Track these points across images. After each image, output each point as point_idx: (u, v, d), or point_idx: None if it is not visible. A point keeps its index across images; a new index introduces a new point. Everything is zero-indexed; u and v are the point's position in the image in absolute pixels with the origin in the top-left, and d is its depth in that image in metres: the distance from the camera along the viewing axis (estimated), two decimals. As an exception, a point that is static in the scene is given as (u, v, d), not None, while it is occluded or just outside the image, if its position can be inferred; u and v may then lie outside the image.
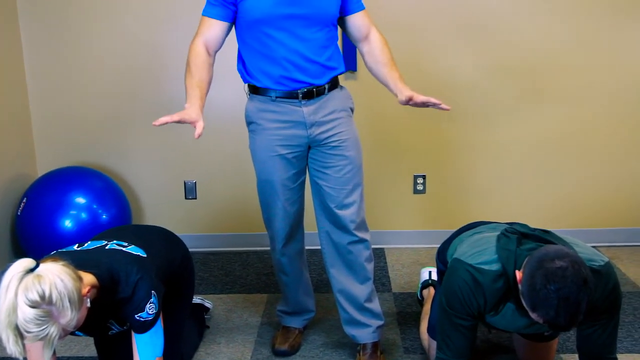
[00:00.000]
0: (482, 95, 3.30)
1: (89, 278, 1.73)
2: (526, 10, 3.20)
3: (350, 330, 2.36)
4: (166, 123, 1.89)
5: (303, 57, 2.13)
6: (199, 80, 2.11)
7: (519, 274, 1.67)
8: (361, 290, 2.31)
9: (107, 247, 1.91)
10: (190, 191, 3.46)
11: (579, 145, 3.37)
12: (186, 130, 3.37)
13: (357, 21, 2.22)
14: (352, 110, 2.31)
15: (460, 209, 3.45)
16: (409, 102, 2.12)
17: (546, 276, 1.57)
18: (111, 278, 1.80)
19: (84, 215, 3.00)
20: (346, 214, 2.24)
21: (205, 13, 2.17)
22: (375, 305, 2.36)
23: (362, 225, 2.29)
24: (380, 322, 2.36)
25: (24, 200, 3.05)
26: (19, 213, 3.04)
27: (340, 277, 2.33)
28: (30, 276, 1.54)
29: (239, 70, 2.25)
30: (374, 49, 2.23)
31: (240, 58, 2.24)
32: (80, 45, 3.29)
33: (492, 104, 3.32)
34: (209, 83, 2.16)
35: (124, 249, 1.91)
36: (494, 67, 3.26)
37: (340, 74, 2.26)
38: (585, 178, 3.41)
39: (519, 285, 1.67)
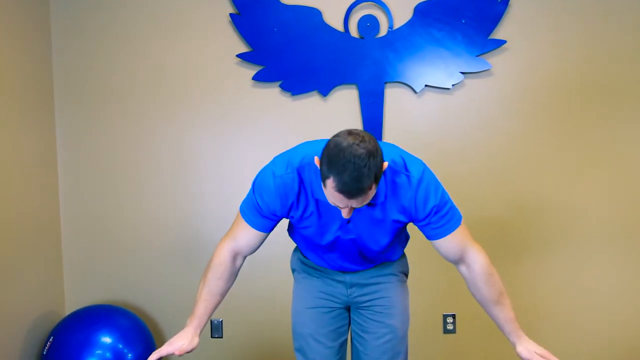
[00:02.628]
0: (512, 233, 3.30)
1: None
2: (553, 158, 3.28)
3: None
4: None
5: (354, 264, 2.06)
6: (209, 292, 1.98)
7: None
8: None
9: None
10: (216, 329, 3.42)
11: (611, 283, 3.31)
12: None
13: (442, 246, 1.93)
14: (405, 274, 2.18)
15: (493, 349, 3.34)
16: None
17: None
18: None
19: (108, 354, 2.96)
20: None
21: (245, 216, 1.97)
22: None
23: None
24: None
25: (51, 339, 3.03)
26: (44, 352, 3.01)
27: None
28: None
29: (290, 235, 2.15)
30: (477, 280, 1.94)
31: (291, 227, 2.12)
32: (115, 187, 3.40)
33: (522, 242, 3.31)
34: (223, 294, 2.02)
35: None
36: (523, 206, 3.28)
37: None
38: (623, 314, 3.31)
39: None
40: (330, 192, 1.66)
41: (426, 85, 3.25)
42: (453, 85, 3.24)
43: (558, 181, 3.29)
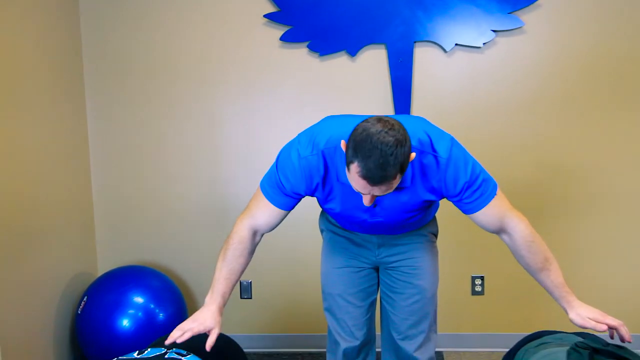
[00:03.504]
0: (542, 194, 3.26)
1: (147, 388, 1.72)
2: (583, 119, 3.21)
3: None
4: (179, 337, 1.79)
5: (383, 234, 2.07)
6: (230, 271, 1.91)
7: None
8: None
9: (166, 356, 1.90)
10: (245, 291, 3.46)
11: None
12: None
13: (479, 219, 1.89)
14: (435, 235, 2.18)
15: (521, 312, 3.33)
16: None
17: None
18: (169, 388, 1.78)
19: (140, 314, 3.02)
20: (409, 346, 2.10)
21: (265, 193, 1.92)
22: None
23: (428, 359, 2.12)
24: None
25: (85, 299, 3.10)
26: (79, 312, 3.08)
27: None
28: None
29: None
30: (518, 248, 1.89)
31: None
32: (144, 150, 3.43)
33: (552, 204, 3.26)
34: (242, 272, 1.96)
35: (182, 358, 1.90)
36: (553, 168, 3.23)
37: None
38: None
39: None
40: (354, 177, 1.63)
41: (456, 44, 3.18)
42: (484, 43, 3.17)
43: (589, 145, 3.22)
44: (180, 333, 1.79)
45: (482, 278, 3.35)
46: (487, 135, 3.23)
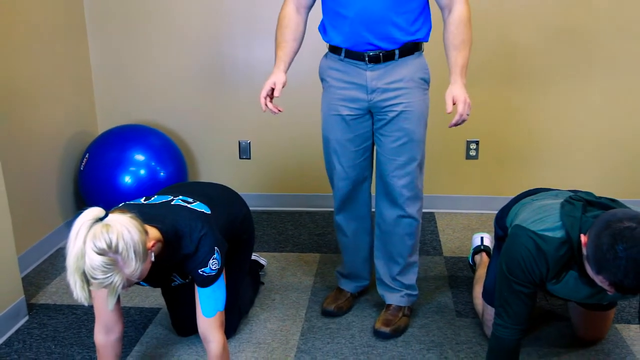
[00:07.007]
0: (540, 59, 3.23)
1: (154, 232, 1.76)
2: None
3: (380, 290, 2.43)
4: (270, 103, 2.17)
5: (375, 16, 2.06)
6: (284, 39, 2.21)
7: (584, 238, 1.63)
8: (396, 264, 2.35)
9: (172, 203, 1.95)
10: (244, 151, 3.51)
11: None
12: (241, 90, 3.39)
13: None
14: (425, 81, 2.21)
15: (513, 175, 3.41)
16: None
17: (614, 236, 1.50)
18: (175, 233, 1.83)
19: (142, 171, 3.07)
20: (396, 184, 2.22)
21: None
22: (408, 278, 2.38)
23: (413, 201, 2.25)
24: (412, 292, 2.40)
25: (87, 156, 3.13)
26: (81, 168, 3.13)
27: (379, 245, 2.37)
28: (99, 225, 1.56)
29: (319, 28, 2.23)
30: (450, 24, 2.12)
31: (323, 14, 2.22)
32: (144, 7, 3.34)
33: (550, 69, 3.25)
34: (296, 40, 2.23)
35: (189, 205, 1.95)
36: (554, 30, 3.18)
37: (418, 41, 2.14)
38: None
39: (584, 250, 1.63)
40: None
41: None
42: None
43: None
44: (264, 101, 2.18)
45: (476, 142, 3.39)
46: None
